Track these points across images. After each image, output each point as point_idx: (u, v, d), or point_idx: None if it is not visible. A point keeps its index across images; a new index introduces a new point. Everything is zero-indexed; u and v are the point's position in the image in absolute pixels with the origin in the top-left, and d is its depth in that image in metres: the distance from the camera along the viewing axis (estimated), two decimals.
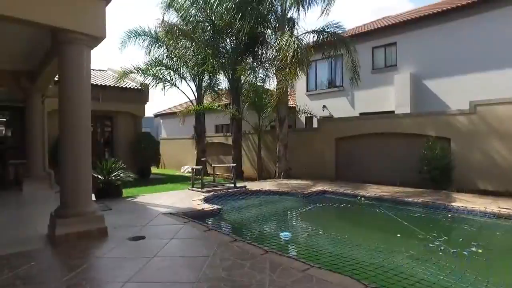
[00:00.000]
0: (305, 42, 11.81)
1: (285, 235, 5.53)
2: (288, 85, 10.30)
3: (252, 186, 9.95)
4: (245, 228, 6.36)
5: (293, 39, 10.31)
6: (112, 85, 14.86)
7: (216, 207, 6.84)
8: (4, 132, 11.99)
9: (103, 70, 18.68)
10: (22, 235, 4.97)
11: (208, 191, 8.76)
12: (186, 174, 17.00)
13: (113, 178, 8.22)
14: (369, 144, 11.30)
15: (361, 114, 15.35)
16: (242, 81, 14.68)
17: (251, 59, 14.88)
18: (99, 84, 14.64)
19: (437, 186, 8.81)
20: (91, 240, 4.59)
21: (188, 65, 14.95)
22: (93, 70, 18.29)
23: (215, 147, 17.34)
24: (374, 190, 8.83)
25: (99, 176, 8.19)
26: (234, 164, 11.13)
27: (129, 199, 8.09)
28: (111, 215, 6.19)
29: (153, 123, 34.39)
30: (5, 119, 11.88)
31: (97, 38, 4.84)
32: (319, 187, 9.63)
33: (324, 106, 16.95)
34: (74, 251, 4.18)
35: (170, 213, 6.11)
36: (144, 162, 15.37)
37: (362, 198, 8.24)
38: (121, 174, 8.33)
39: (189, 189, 9.46)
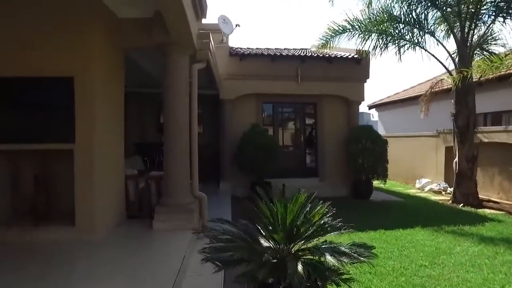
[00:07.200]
0: None
1: None
2: None
3: None
4: None
5: None
6: (314, 55, 9.80)
7: None
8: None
9: (305, 49, 13.96)
10: None
11: None
12: (429, 196, 10.02)
13: (301, 257, 2.64)
14: None
15: None
16: None
17: None
18: (296, 55, 9.88)
19: None
20: None
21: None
22: (294, 49, 13.85)
23: (485, 150, 9.32)
24: None
25: (267, 243, 2.80)
26: None
27: None
28: None
29: (362, 118, 28.28)
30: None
31: None
32: None
33: None
34: None
35: None
36: (361, 173, 9.54)
37: None
38: (328, 258, 2.50)
39: None
